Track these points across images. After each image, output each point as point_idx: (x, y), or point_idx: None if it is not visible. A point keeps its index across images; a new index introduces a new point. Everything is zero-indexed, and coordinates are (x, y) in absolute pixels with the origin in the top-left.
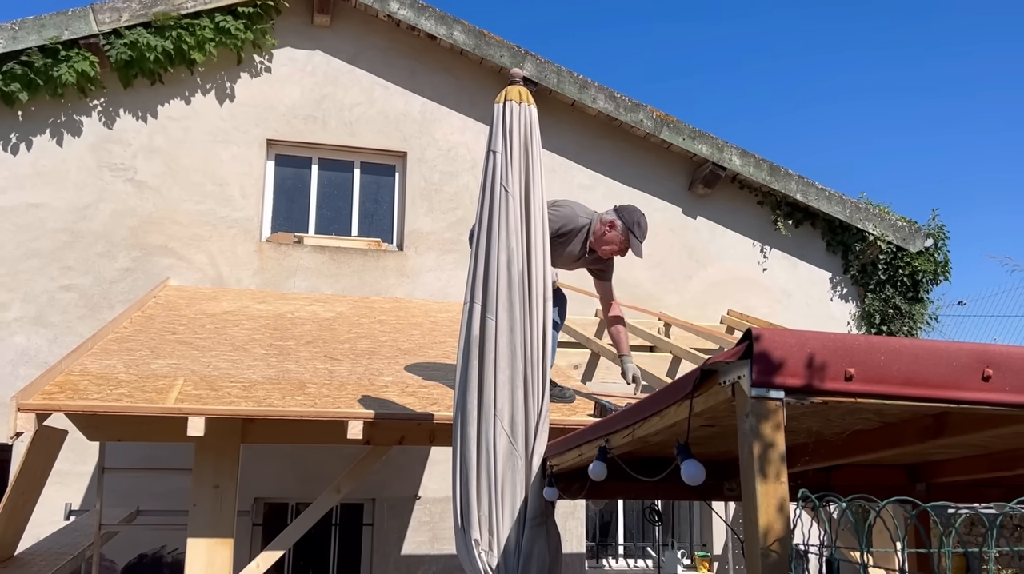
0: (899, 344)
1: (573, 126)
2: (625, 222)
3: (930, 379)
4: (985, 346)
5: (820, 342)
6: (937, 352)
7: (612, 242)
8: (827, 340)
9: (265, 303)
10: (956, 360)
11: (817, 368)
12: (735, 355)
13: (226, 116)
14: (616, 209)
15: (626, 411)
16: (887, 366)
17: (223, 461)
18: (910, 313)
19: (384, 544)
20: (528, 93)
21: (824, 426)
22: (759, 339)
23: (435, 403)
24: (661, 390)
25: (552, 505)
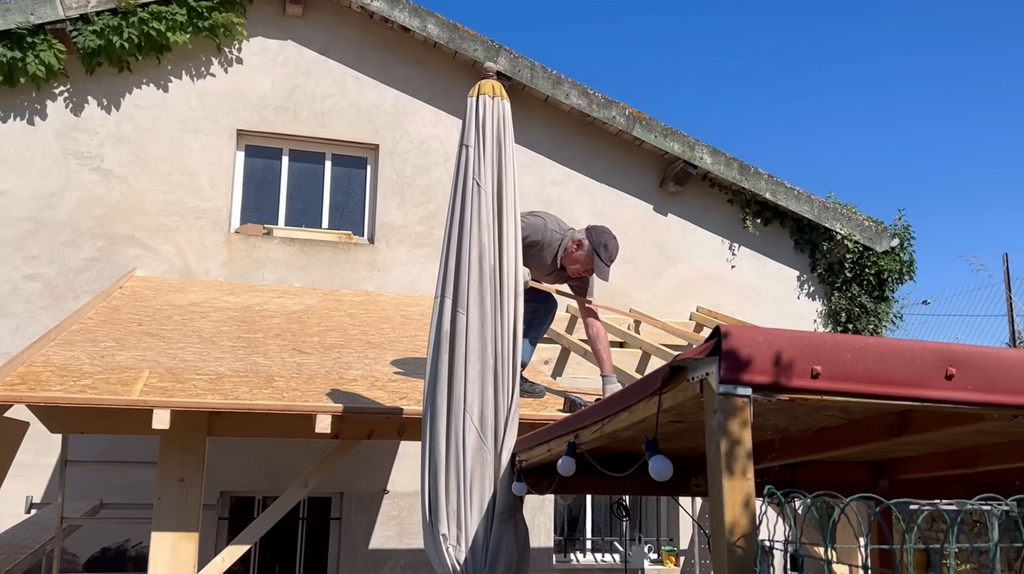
0: (865, 343)
1: (546, 122)
2: (592, 242)
3: (895, 377)
4: (948, 345)
5: (787, 340)
6: (902, 351)
7: (578, 260)
8: (794, 338)
9: (233, 295)
10: (920, 359)
11: (784, 366)
12: (704, 352)
13: (196, 105)
14: (588, 228)
15: (595, 407)
16: (853, 364)
17: (188, 454)
18: (875, 312)
19: (352, 538)
20: (501, 88)
21: (790, 423)
22: (727, 337)
23: (405, 397)
24: (630, 386)
25: (520, 500)
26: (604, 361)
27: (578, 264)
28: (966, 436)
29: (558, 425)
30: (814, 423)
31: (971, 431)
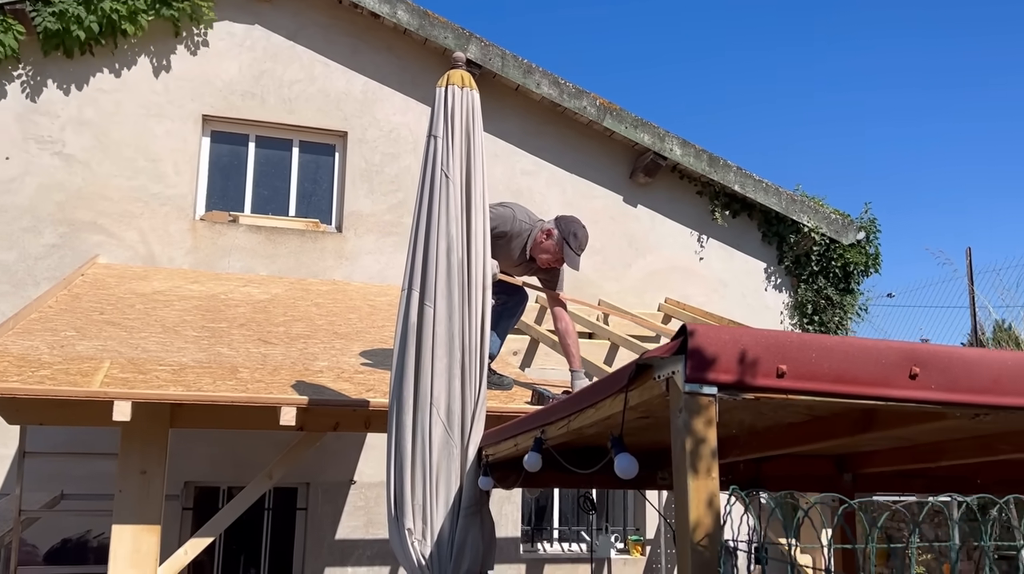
0: (830, 342)
1: (517, 111)
2: (562, 232)
3: (859, 377)
4: (912, 345)
5: (753, 339)
6: (866, 350)
7: (548, 250)
8: (760, 337)
9: (198, 283)
10: (885, 358)
11: (749, 364)
12: (670, 351)
13: (160, 90)
14: (557, 218)
15: (562, 402)
16: (818, 363)
17: (150, 446)
18: (841, 304)
19: (318, 529)
20: (471, 78)
21: (756, 419)
22: (693, 335)
23: (371, 389)
24: (597, 383)
25: (487, 494)
26: (573, 356)
27: (548, 254)
28: (928, 432)
29: (525, 420)
30: (780, 419)
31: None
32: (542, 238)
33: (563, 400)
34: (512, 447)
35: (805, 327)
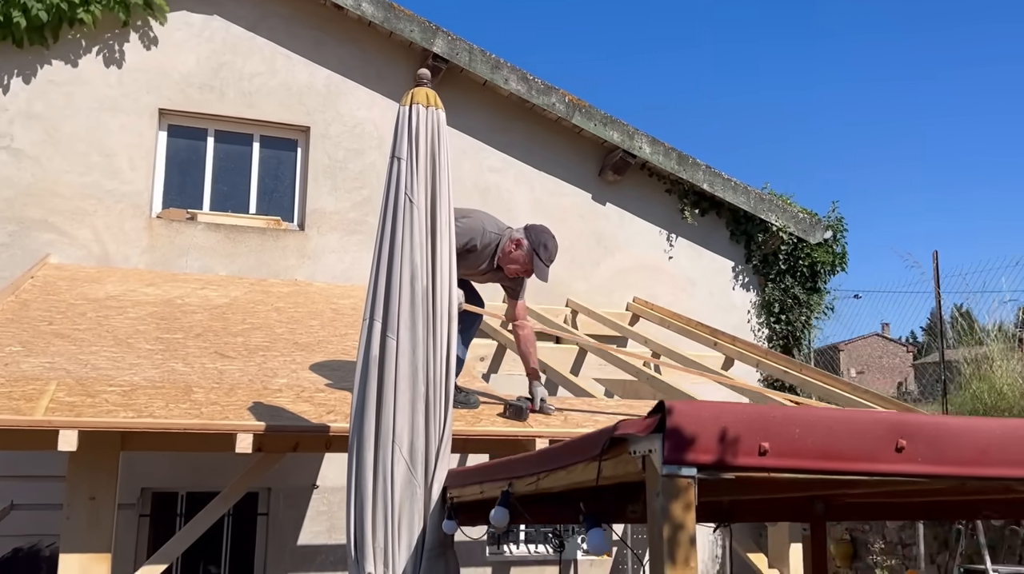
0: (814, 416)
1: (484, 106)
2: (532, 242)
3: (844, 452)
4: (899, 416)
5: (734, 415)
6: (852, 424)
7: (517, 261)
8: (741, 413)
9: (153, 286)
10: (870, 431)
11: (730, 442)
12: (647, 429)
13: (114, 83)
14: (526, 227)
15: (532, 457)
16: (802, 439)
17: (99, 472)
18: (807, 303)
19: (280, 534)
20: (436, 96)
21: (736, 491)
22: (672, 413)
23: (332, 411)
24: (569, 444)
25: (451, 535)
26: (532, 367)
27: (517, 264)
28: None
29: (492, 467)
30: (759, 485)
31: (917, 489)
32: (511, 247)
33: (533, 455)
34: (478, 493)
35: (772, 326)
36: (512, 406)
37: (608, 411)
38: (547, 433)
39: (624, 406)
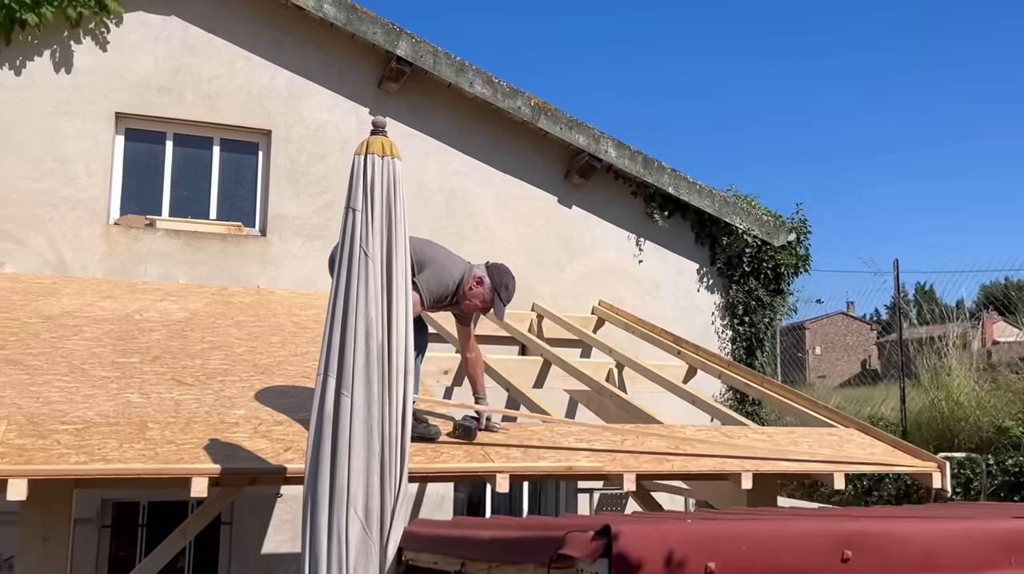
0: (760, 532)
1: (449, 109)
2: (494, 282)
3: (790, 566)
4: (844, 527)
5: (680, 537)
6: (798, 538)
7: (477, 297)
8: (687, 534)
9: (111, 299)
10: (816, 544)
11: (677, 564)
12: (592, 554)
13: (68, 86)
14: (488, 267)
15: (485, 542)
16: (748, 557)
17: (52, 515)
18: (771, 305)
19: (243, 543)
20: (392, 145)
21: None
22: (618, 538)
23: (289, 448)
24: (521, 543)
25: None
26: (479, 386)
27: (477, 301)
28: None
29: (447, 542)
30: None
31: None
32: (473, 284)
33: (487, 541)
34: (432, 562)
35: (736, 328)
36: (460, 426)
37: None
38: (507, 468)
39: (585, 434)
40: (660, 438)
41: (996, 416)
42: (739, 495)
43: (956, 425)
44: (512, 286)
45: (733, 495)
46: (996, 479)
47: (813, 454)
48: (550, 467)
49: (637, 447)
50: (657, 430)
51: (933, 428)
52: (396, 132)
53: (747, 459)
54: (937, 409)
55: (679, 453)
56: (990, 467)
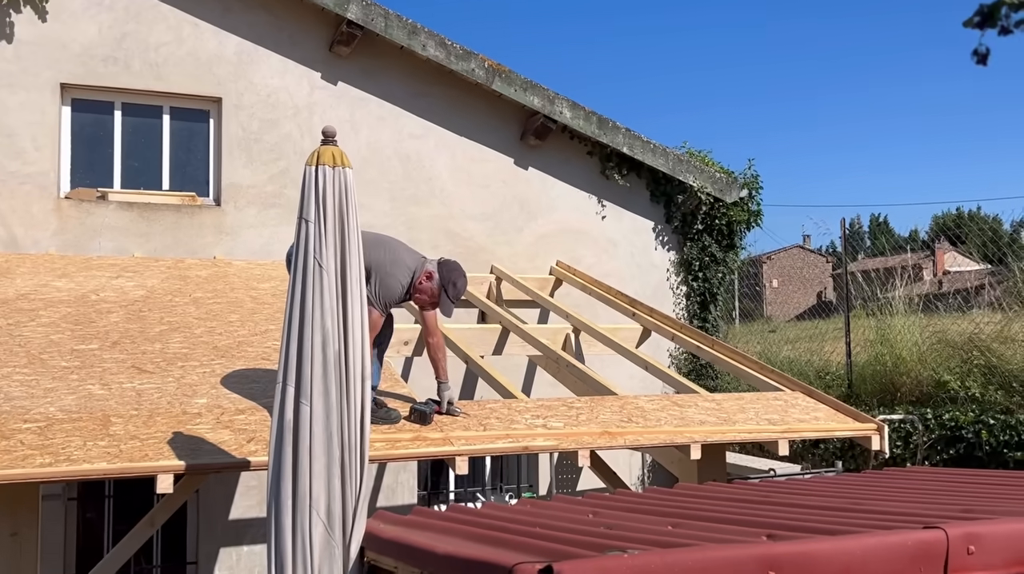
0: (691, 559)
1: (403, 72)
2: (442, 279)
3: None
4: (770, 548)
5: (620, 572)
6: (725, 562)
7: (425, 292)
8: (625, 569)
9: (66, 277)
10: (743, 568)
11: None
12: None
13: (10, 57)
14: (440, 263)
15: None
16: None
17: (20, 512)
18: (724, 260)
19: (210, 511)
20: (343, 154)
21: None
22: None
23: (252, 438)
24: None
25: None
26: (441, 371)
27: (424, 295)
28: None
29: (407, 549)
30: None
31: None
32: (423, 279)
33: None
34: (392, 565)
35: (690, 284)
36: (416, 410)
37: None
38: (466, 451)
39: (542, 410)
40: (613, 411)
41: (936, 370)
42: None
43: (899, 379)
44: (461, 284)
45: (685, 459)
46: (934, 433)
47: (758, 425)
48: (507, 447)
49: (592, 421)
50: (610, 403)
51: (877, 382)
52: (349, 96)
53: (696, 430)
54: (880, 363)
55: (630, 428)
56: (928, 422)
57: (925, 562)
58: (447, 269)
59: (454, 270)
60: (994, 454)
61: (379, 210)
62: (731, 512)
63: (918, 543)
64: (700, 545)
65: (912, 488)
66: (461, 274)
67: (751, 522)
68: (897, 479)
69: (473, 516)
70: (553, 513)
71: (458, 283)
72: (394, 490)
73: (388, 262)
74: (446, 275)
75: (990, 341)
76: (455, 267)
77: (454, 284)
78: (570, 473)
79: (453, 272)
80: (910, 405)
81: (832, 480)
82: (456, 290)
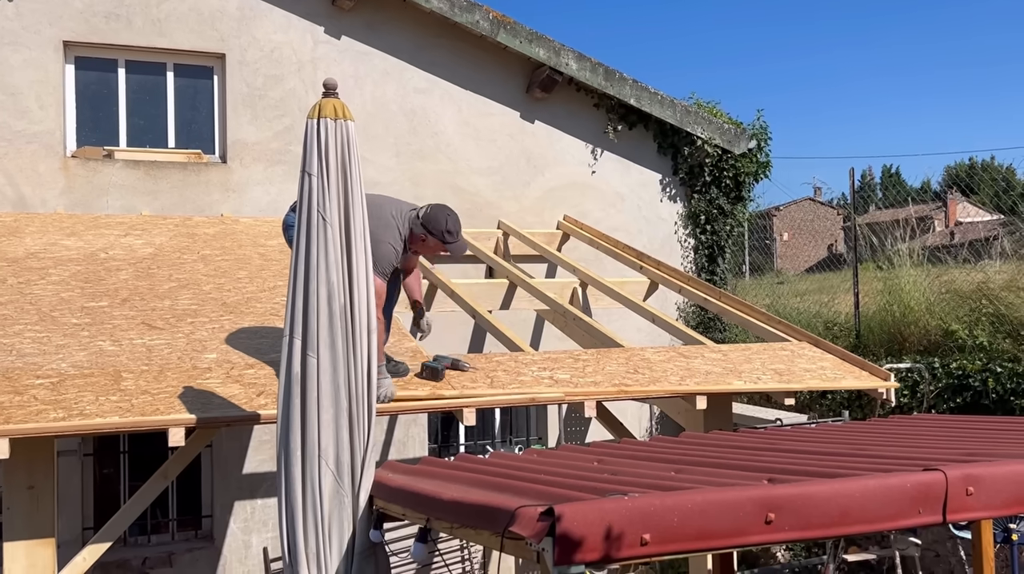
0: (691, 502)
1: (407, 25)
2: (434, 234)
3: (718, 530)
4: (768, 490)
5: (618, 513)
6: (724, 505)
7: (430, 247)
8: (625, 510)
9: (75, 236)
10: (741, 509)
11: (615, 539)
12: (538, 534)
13: (11, 15)
14: (422, 222)
15: (448, 504)
16: (680, 526)
17: (36, 463)
18: (732, 212)
19: (224, 465)
20: (344, 106)
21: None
22: (561, 519)
23: (262, 392)
24: (480, 508)
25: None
26: (414, 291)
27: (430, 250)
28: None
29: (415, 497)
30: None
31: None
32: (418, 243)
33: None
34: (400, 513)
35: (698, 237)
36: (428, 367)
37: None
38: (472, 402)
39: (548, 363)
40: (619, 363)
41: (944, 319)
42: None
43: (906, 329)
44: (452, 223)
45: (691, 409)
46: (941, 382)
47: (764, 375)
48: (513, 399)
49: (598, 372)
50: (617, 355)
51: (885, 331)
52: (353, 50)
53: (702, 381)
54: (889, 313)
55: (636, 379)
56: (935, 371)
57: (924, 503)
58: (432, 222)
59: (438, 220)
60: (1001, 402)
61: (384, 165)
62: (734, 458)
63: (917, 485)
64: (700, 488)
65: (915, 434)
66: (444, 214)
67: (753, 467)
68: (901, 426)
69: (480, 465)
70: (558, 461)
71: (450, 226)
72: (404, 444)
73: (377, 226)
74: (435, 228)
75: (999, 290)
76: (437, 213)
77: (448, 232)
78: (579, 425)
79: (438, 221)
80: (917, 355)
81: (836, 428)
82: (452, 234)
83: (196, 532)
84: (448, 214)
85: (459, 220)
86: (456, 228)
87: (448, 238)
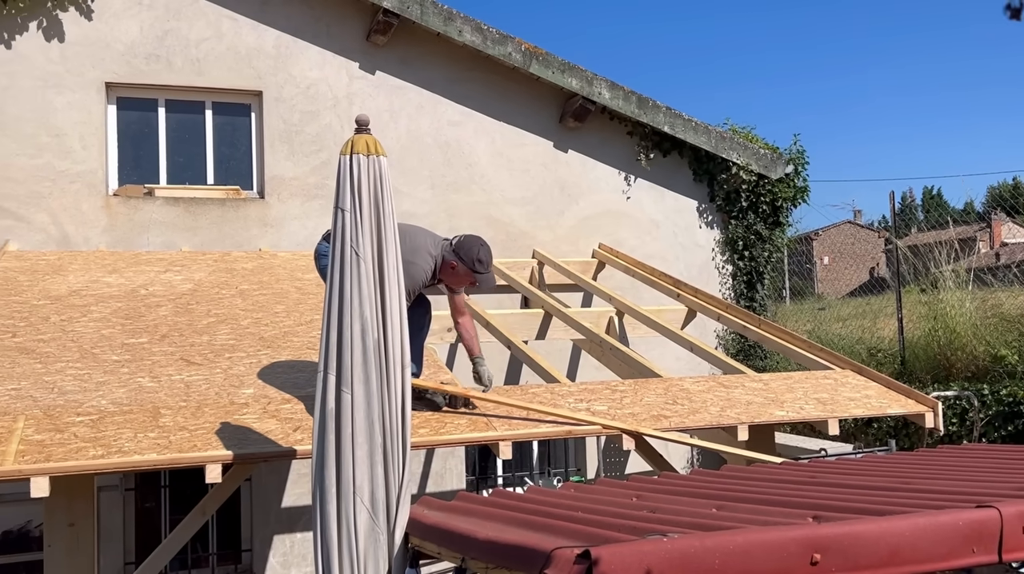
0: (732, 543)
1: (440, 58)
2: (466, 263)
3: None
4: (814, 530)
5: (657, 556)
6: (768, 546)
7: (460, 276)
8: (664, 552)
9: (116, 273)
10: (786, 550)
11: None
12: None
13: (56, 58)
14: (454, 249)
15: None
16: (721, 569)
17: (76, 501)
18: (770, 238)
19: (263, 498)
20: (376, 143)
21: None
22: (598, 563)
23: (299, 428)
24: (515, 549)
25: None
26: (473, 346)
27: (460, 280)
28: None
29: (449, 535)
30: None
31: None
32: (448, 269)
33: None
34: (435, 550)
35: (736, 263)
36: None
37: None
38: (509, 436)
39: (585, 394)
40: (658, 394)
41: (992, 344)
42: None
43: (953, 354)
44: (484, 253)
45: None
46: (991, 409)
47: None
48: (550, 432)
49: (636, 403)
50: (655, 385)
51: (930, 357)
52: (388, 85)
53: (742, 411)
54: (934, 338)
55: (675, 410)
56: (984, 398)
57: (978, 542)
58: (464, 251)
59: (470, 249)
60: None
61: (419, 198)
62: (777, 493)
63: (970, 523)
64: (742, 528)
65: (965, 466)
66: (479, 244)
67: (797, 503)
68: (950, 457)
69: (516, 501)
70: (596, 497)
71: (481, 256)
72: (442, 476)
73: (407, 250)
74: (467, 257)
75: None
76: (471, 243)
77: (479, 260)
78: (618, 457)
79: (471, 250)
80: (965, 381)
81: (882, 459)
82: (483, 264)
83: (236, 566)
84: (481, 244)
85: (491, 253)
86: (487, 259)
87: (479, 267)
